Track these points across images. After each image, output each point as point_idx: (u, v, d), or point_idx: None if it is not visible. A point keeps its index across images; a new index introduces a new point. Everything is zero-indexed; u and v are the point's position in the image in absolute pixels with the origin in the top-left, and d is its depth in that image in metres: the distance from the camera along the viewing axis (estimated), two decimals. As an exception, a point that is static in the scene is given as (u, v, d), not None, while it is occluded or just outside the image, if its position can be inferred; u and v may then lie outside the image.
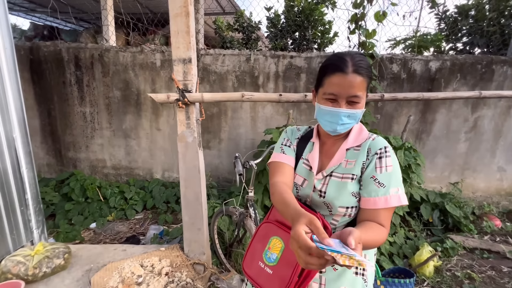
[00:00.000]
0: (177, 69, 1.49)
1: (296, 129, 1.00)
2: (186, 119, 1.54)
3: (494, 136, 2.81)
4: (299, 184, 0.89)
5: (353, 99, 0.74)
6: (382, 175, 0.76)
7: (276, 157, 0.94)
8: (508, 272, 1.87)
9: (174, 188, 2.90)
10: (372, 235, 0.68)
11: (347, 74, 0.71)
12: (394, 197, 0.74)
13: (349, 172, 0.80)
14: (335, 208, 0.80)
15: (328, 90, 0.75)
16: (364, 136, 0.84)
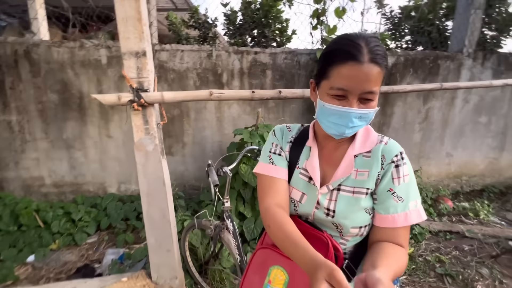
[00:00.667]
0: (128, 64, 1.24)
1: (286, 129, 0.81)
2: (144, 123, 1.30)
3: (442, 125, 3.08)
4: (297, 200, 0.73)
5: (368, 95, 0.59)
6: (400, 187, 0.64)
7: (264, 169, 0.76)
8: (469, 250, 2.03)
9: (133, 202, 2.55)
10: (397, 267, 0.56)
11: (362, 63, 0.56)
12: (414, 212, 0.63)
13: (362, 185, 0.67)
14: (346, 228, 0.66)
15: (336, 84, 0.59)
16: (373, 140, 0.70)
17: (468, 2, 2.81)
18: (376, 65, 0.57)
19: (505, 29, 3.52)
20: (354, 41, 0.57)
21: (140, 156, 1.33)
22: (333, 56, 0.60)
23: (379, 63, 0.57)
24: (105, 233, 2.39)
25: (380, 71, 0.58)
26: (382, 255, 0.58)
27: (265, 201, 0.71)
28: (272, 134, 0.82)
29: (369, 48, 0.56)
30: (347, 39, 0.59)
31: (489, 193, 3.25)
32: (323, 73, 0.63)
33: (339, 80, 0.58)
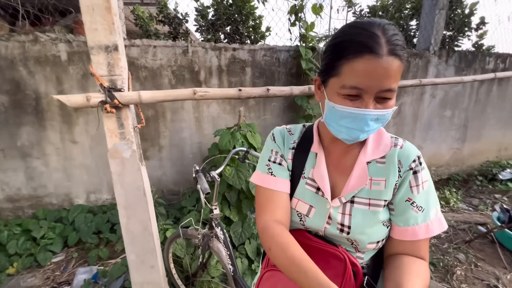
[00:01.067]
0: (97, 60, 1.08)
1: (287, 132, 0.71)
2: (118, 127, 1.15)
3: (413, 119, 3.25)
4: (304, 213, 0.64)
5: (386, 94, 0.50)
6: (420, 195, 0.57)
7: (263, 180, 0.66)
8: (445, 237, 2.16)
9: (105, 213, 2.33)
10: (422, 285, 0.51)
11: (380, 56, 0.47)
12: (435, 221, 0.57)
13: (379, 197, 0.59)
14: (363, 244, 0.59)
15: (349, 82, 0.50)
16: (387, 143, 0.62)
17: (433, 3, 2.98)
18: (397, 57, 0.48)
19: (461, 29, 3.83)
20: (369, 30, 0.48)
21: (115, 164, 1.17)
22: (344, 49, 0.50)
23: (400, 56, 0.49)
24: (73, 250, 2.15)
25: (401, 65, 0.50)
26: (406, 274, 0.53)
27: (263, 218, 0.63)
28: (271, 139, 0.71)
29: (387, 37, 0.48)
30: (360, 28, 0.50)
31: (454, 181, 3.51)
32: (331, 69, 0.54)
33: (353, 77, 0.49)
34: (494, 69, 3.45)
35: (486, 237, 2.11)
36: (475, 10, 3.68)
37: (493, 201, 2.84)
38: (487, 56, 3.39)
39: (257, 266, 1.79)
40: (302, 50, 2.46)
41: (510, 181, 3.37)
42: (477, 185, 3.38)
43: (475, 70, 3.34)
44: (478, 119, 3.58)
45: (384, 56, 0.47)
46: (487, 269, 1.83)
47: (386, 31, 0.49)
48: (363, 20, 0.52)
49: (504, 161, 3.80)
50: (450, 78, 1.69)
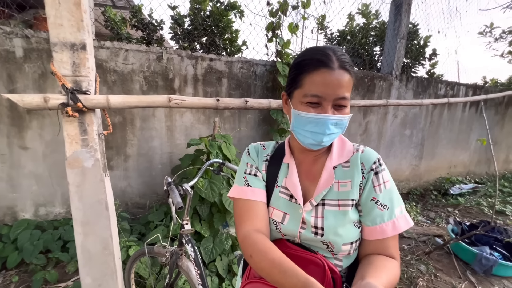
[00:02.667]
0: (60, 58, 0.97)
1: (261, 147, 0.77)
2: (80, 133, 1.03)
3: (378, 137, 3.47)
4: (279, 221, 0.67)
5: (341, 101, 0.59)
6: (383, 194, 0.63)
7: (241, 192, 0.69)
8: (408, 249, 2.27)
9: (57, 229, 2.06)
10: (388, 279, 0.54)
11: (333, 70, 0.57)
12: (401, 218, 0.62)
13: (347, 197, 0.64)
14: (338, 246, 0.62)
15: (310, 91, 0.59)
16: (349, 149, 0.69)
17: (395, 32, 3.29)
18: (346, 71, 0.58)
19: (417, 58, 4.28)
20: (324, 51, 0.60)
21: (74, 175, 1.04)
22: (305, 65, 0.60)
23: (349, 70, 0.59)
24: (13, 273, 1.85)
25: (350, 78, 0.59)
26: (372, 267, 0.56)
27: (243, 228, 0.65)
28: (246, 154, 0.77)
29: (337, 56, 0.58)
30: (315, 50, 0.61)
31: (413, 195, 3.78)
32: (295, 82, 0.63)
33: (313, 87, 0.59)
34: (445, 95, 3.88)
35: (443, 248, 2.27)
36: (428, 42, 4.15)
37: (447, 214, 3.10)
38: (439, 83, 3.80)
39: (227, 284, 1.69)
40: (279, 66, 2.52)
41: (460, 195, 3.74)
42: (432, 199, 3.67)
43: (429, 95, 3.71)
44: (432, 139, 3.96)
45: (336, 69, 0.57)
46: (445, 279, 1.95)
47: (336, 52, 0.59)
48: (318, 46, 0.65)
49: (454, 178, 4.22)
50: (412, 101, 1.84)
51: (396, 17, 3.26)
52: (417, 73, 4.25)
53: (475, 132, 4.36)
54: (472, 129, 4.33)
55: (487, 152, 4.53)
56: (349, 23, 4.66)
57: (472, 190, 3.88)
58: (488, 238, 2.17)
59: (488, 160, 4.69)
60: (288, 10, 2.65)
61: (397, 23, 3.25)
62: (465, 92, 4.09)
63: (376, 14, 4.39)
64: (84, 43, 0.99)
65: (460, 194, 3.75)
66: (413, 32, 4.10)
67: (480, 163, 4.69)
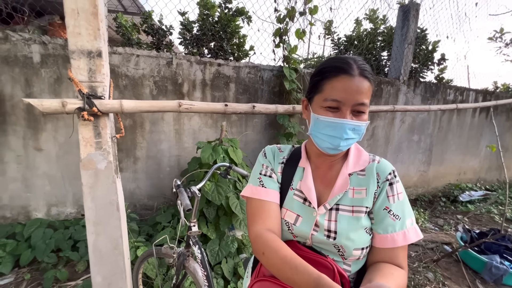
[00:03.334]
0: (77, 65, 1.03)
1: (277, 149, 0.79)
2: (95, 136, 1.08)
3: (385, 142, 3.45)
4: (291, 222, 0.69)
5: (360, 107, 0.61)
6: (396, 205, 0.64)
7: (255, 192, 0.71)
8: (415, 256, 2.24)
9: (68, 228, 2.12)
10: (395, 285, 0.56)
11: (353, 76, 0.59)
12: (412, 230, 0.63)
13: (361, 203, 0.65)
14: (349, 251, 0.63)
15: (330, 95, 0.61)
16: (365, 158, 0.71)
17: (403, 38, 3.28)
18: (366, 79, 0.60)
19: (425, 63, 4.25)
20: (345, 59, 0.62)
21: (87, 176, 1.09)
22: (326, 72, 0.63)
23: (368, 78, 0.61)
24: (26, 271, 1.91)
25: (370, 86, 0.61)
26: (380, 274, 0.58)
27: (255, 227, 0.67)
28: (263, 155, 0.79)
29: (358, 65, 0.61)
30: (337, 58, 0.64)
31: (421, 202, 3.72)
32: (316, 88, 0.65)
33: (333, 92, 0.61)
34: (454, 100, 3.83)
35: (451, 256, 2.23)
36: (437, 47, 4.12)
37: (456, 221, 3.05)
38: (448, 88, 3.76)
39: (233, 287, 1.71)
40: (286, 72, 2.55)
41: (469, 202, 3.66)
42: (441, 206, 3.61)
43: (438, 100, 3.68)
44: (441, 144, 3.90)
45: (356, 76, 0.59)
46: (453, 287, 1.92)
47: (356, 61, 0.62)
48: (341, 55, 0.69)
49: (464, 184, 4.14)
50: (420, 106, 1.84)
51: (404, 23, 3.26)
52: (425, 78, 4.21)
53: (485, 138, 4.28)
54: (482, 135, 4.25)
55: (498, 158, 4.43)
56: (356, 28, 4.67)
57: (482, 197, 3.80)
58: (498, 246, 2.13)
59: (499, 167, 4.59)
60: (295, 16, 2.69)
61: (405, 29, 3.25)
62: (474, 98, 4.03)
63: (383, 19, 4.39)
64: (100, 51, 1.05)
65: (470, 201, 3.68)
66: (421, 37, 4.08)
67: (490, 169, 4.59)
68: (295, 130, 2.61)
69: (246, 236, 2.02)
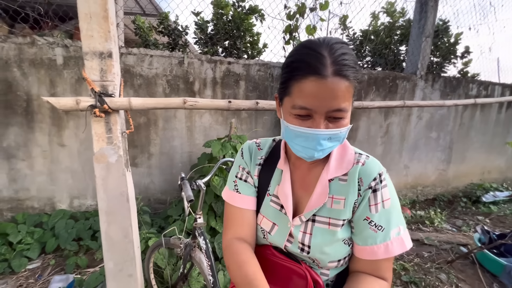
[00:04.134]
0: (90, 66, 1.11)
1: (256, 146, 0.72)
2: (106, 132, 1.16)
3: (400, 139, 3.34)
4: (267, 230, 0.66)
5: (336, 114, 0.51)
6: (378, 214, 0.57)
7: (230, 197, 0.69)
8: (428, 256, 2.17)
9: (88, 219, 2.27)
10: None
11: (325, 78, 0.47)
12: (396, 241, 0.56)
13: (338, 216, 0.59)
14: (323, 263, 0.61)
15: (297, 102, 0.51)
16: (350, 159, 0.61)
17: (420, 31, 3.15)
18: (343, 78, 0.48)
19: (447, 56, 4.04)
20: (317, 50, 0.48)
21: (100, 169, 1.17)
22: (294, 69, 0.51)
23: (347, 76, 0.48)
24: (51, 257, 2.08)
25: (349, 85, 0.49)
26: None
27: (227, 236, 0.67)
28: (240, 155, 0.73)
29: (334, 58, 0.48)
30: (309, 48, 0.50)
31: (440, 202, 3.57)
32: (285, 88, 0.55)
33: (301, 98, 0.50)
34: (477, 95, 3.62)
35: (467, 257, 2.13)
36: (459, 39, 3.91)
37: (476, 222, 2.90)
38: (471, 82, 3.56)
39: (239, 279, 1.76)
40: None
41: (493, 203, 3.46)
42: (461, 206, 3.44)
43: (459, 95, 3.50)
44: (463, 142, 3.71)
45: (329, 77, 0.47)
46: (468, 290, 1.84)
47: (333, 51, 0.48)
48: (315, 39, 0.52)
49: (488, 184, 3.91)
50: (433, 102, 1.78)
51: (421, 15, 3.13)
52: (447, 73, 4.01)
53: (513, 136, 4.02)
54: (509, 132, 3.99)
55: (527, 157, 4.14)
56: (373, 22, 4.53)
57: (508, 198, 3.57)
58: (520, 249, 2.01)
59: (529, 166, 4.29)
60: (305, 13, 2.67)
61: (422, 21, 3.12)
62: (501, 92, 3.78)
63: (402, 12, 4.23)
64: (111, 52, 1.12)
65: (494, 202, 3.47)
66: (443, 29, 3.88)
67: (519, 169, 4.30)
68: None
69: (253, 231, 2.06)
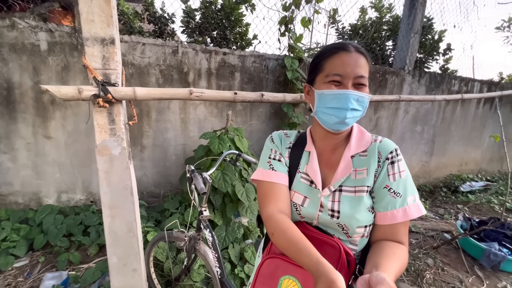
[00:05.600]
0: (91, 52, 1.04)
1: (284, 135, 0.82)
2: (109, 123, 1.10)
3: (388, 132, 3.47)
4: (299, 203, 0.73)
5: (360, 80, 0.65)
6: (397, 182, 0.65)
7: (265, 175, 0.75)
8: (416, 243, 2.30)
9: (78, 214, 2.18)
10: (398, 268, 0.57)
11: (350, 52, 0.64)
12: (413, 207, 0.64)
13: (362, 183, 0.68)
14: (352, 229, 0.66)
15: (332, 71, 0.65)
16: (368, 139, 0.73)
17: (409, 27, 3.24)
18: (362, 55, 0.65)
19: (431, 53, 4.20)
20: (340, 42, 0.69)
21: (103, 162, 1.12)
22: (325, 52, 0.68)
23: (364, 54, 0.66)
24: (39, 254, 1.98)
25: (366, 62, 0.66)
26: (384, 256, 0.59)
27: (267, 208, 0.71)
28: (270, 141, 0.82)
29: (354, 45, 0.66)
30: (334, 42, 0.70)
31: (422, 192, 3.78)
32: (316, 69, 0.69)
33: (334, 67, 0.65)
34: (458, 91, 3.82)
35: (451, 243, 2.29)
36: (443, 36, 4.07)
37: (456, 210, 3.10)
38: (453, 78, 3.74)
39: (240, 270, 1.77)
40: (287, 62, 2.54)
41: (470, 193, 3.71)
42: (442, 196, 3.66)
43: (442, 91, 3.66)
44: (444, 135, 3.92)
45: (353, 52, 0.65)
46: (452, 273, 1.98)
47: (351, 43, 0.67)
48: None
49: (465, 175, 4.18)
50: (425, 96, 1.85)
51: (411, 11, 3.21)
52: (430, 69, 4.18)
53: (488, 130, 4.29)
54: (485, 126, 4.26)
55: (500, 149, 4.46)
56: (361, 17, 4.60)
57: (483, 188, 3.84)
58: (497, 234, 2.18)
59: (501, 158, 4.62)
60: (301, 4, 2.66)
61: (412, 17, 3.20)
62: (479, 88, 4.01)
63: (389, 7, 4.32)
64: (113, 38, 1.06)
65: (471, 191, 3.73)
66: (427, 27, 4.02)
67: (492, 161, 4.62)
68: (299, 120, 2.63)
69: (251, 222, 2.08)
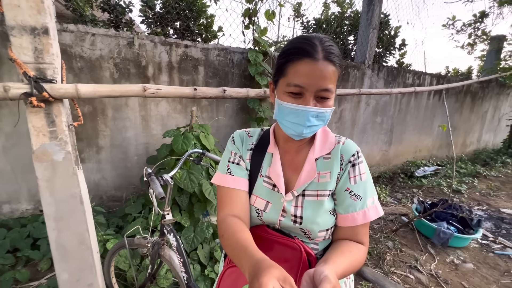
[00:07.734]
0: (19, 43, 0.90)
1: (246, 135, 0.78)
2: (48, 125, 0.97)
3: (351, 124, 3.63)
4: (261, 209, 0.70)
5: (324, 93, 0.59)
6: (357, 185, 0.66)
7: (222, 180, 0.71)
8: (377, 228, 2.46)
9: (25, 226, 1.94)
10: (350, 263, 0.58)
11: (317, 60, 0.56)
12: (372, 209, 0.66)
13: (325, 187, 0.67)
14: (314, 233, 0.66)
15: (292, 80, 0.59)
16: (332, 141, 0.71)
17: (368, 22, 3.39)
18: (331, 63, 0.57)
19: (388, 48, 4.46)
20: (310, 40, 0.59)
21: (42, 169, 0.99)
22: (290, 54, 0.60)
23: (334, 62, 0.58)
24: (-22, 275, 1.73)
25: (335, 70, 0.58)
26: (337, 252, 0.60)
27: (221, 213, 0.68)
28: (231, 142, 0.78)
29: (323, 47, 0.58)
30: (302, 38, 0.60)
31: (383, 179, 4.05)
32: (280, 71, 0.63)
33: (296, 76, 0.58)
34: (412, 84, 4.12)
35: (408, 225, 2.49)
36: (398, 32, 4.34)
37: (412, 194, 3.38)
38: (408, 72, 4.02)
39: (210, 271, 1.73)
40: (251, 56, 2.49)
41: (423, 177, 4.07)
42: (400, 181, 3.97)
43: (399, 84, 3.92)
44: (401, 125, 4.22)
45: (320, 60, 0.57)
46: (409, 253, 2.16)
47: (323, 42, 0.58)
48: (308, 34, 0.62)
49: (419, 161, 4.56)
50: (383, 90, 1.95)
51: (369, 7, 3.35)
52: (388, 63, 4.45)
53: (438, 119, 4.72)
54: (435, 115, 4.67)
55: (447, 137, 4.94)
56: (325, 12, 4.70)
57: (434, 172, 4.24)
58: (446, 214, 2.42)
59: (448, 144, 5.13)
60: (264, -3, 2.61)
61: (370, 13, 3.35)
62: (430, 81, 4.37)
63: (350, 3, 4.47)
64: (47, 27, 0.92)
65: (424, 176, 4.09)
66: (384, 23, 4.24)
67: (441, 147, 5.11)
68: (266, 115, 2.62)
69: (221, 221, 2.03)
